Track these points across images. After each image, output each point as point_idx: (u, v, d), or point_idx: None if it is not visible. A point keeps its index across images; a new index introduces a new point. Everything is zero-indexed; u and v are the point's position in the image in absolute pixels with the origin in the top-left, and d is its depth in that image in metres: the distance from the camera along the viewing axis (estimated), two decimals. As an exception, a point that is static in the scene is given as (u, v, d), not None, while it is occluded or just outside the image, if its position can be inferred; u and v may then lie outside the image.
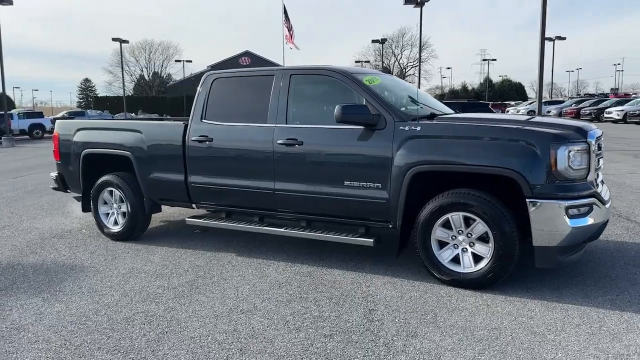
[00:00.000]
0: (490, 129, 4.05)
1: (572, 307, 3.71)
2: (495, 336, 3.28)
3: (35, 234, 6.28)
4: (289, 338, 3.33)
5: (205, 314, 3.76)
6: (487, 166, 3.89)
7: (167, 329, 3.52)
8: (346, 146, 4.48)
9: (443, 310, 3.69)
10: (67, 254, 5.41)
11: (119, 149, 5.74)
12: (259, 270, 4.72)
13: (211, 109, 5.24)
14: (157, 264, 5.00)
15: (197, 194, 5.32)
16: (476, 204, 3.95)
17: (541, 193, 3.75)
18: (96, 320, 3.71)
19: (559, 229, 3.75)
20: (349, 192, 4.46)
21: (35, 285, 4.47)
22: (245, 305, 3.91)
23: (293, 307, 3.83)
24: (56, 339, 3.41)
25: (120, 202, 5.85)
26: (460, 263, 4.12)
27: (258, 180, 4.90)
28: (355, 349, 3.15)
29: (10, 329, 3.60)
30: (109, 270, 4.83)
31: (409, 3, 29.50)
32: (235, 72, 5.36)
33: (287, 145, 4.70)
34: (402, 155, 4.17)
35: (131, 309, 3.89)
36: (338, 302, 3.91)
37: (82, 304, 4.01)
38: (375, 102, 4.39)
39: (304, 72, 4.92)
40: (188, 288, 4.31)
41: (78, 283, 4.49)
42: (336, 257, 4.99)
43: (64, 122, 6.40)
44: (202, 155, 5.20)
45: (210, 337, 3.39)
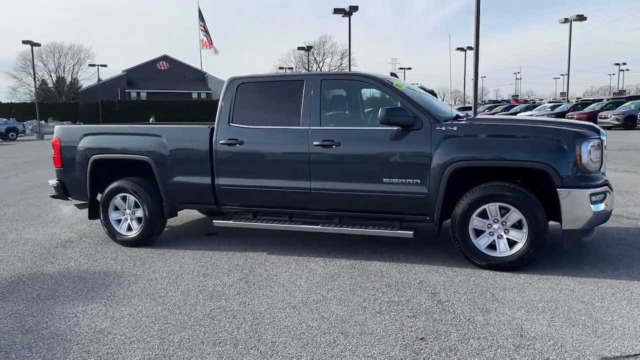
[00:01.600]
0: (522, 128, 4.59)
1: (598, 280, 4.31)
2: (554, 307, 3.77)
3: (32, 245, 6.04)
4: (378, 320, 3.63)
5: (282, 306, 3.95)
6: (523, 161, 4.42)
7: (257, 321, 3.68)
8: (384, 146, 4.84)
9: (496, 289, 4.15)
10: (87, 262, 5.30)
11: (135, 153, 5.70)
12: (302, 265, 4.94)
13: (238, 112, 5.38)
14: (194, 265, 5.06)
15: (225, 196, 5.43)
16: (511, 194, 4.46)
17: (569, 183, 4.33)
18: (177, 318, 3.78)
19: (584, 214, 4.35)
20: (388, 188, 4.82)
21: (80, 293, 4.40)
22: (313, 296, 4.14)
23: (361, 295, 4.12)
24: (151, 338, 3.47)
25: (135, 208, 5.80)
26: (496, 248, 4.61)
27: (293, 180, 5.12)
28: (444, 326, 3.51)
29: (94, 333, 3.59)
30: (149, 275, 4.83)
31: (338, 13, 30.41)
32: (261, 77, 5.54)
33: (324, 146, 4.97)
34: (441, 153, 4.60)
35: (204, 306, 3.99)
36: (398, 289, 4.25)
37: (149, 306, 4.04)
38: (410, 105, 4.79)
39: (335, 77, 5.25)
40: (244, 285, 4.45)
41: (126, 288, 4.48)
42: (368, 251, 5.32)
43: (67, 127, 6.23)
44: (231, 157, 5.33)
45: (303, 324, 3.60)
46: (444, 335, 3.37)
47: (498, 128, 4.71)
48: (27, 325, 3.74)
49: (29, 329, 3.67)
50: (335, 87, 5.30)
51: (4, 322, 3.82)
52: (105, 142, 5.89)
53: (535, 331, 3.38)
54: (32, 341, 3.48)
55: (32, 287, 4.57)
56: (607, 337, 3.28)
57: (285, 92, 5.38)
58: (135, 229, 5.81)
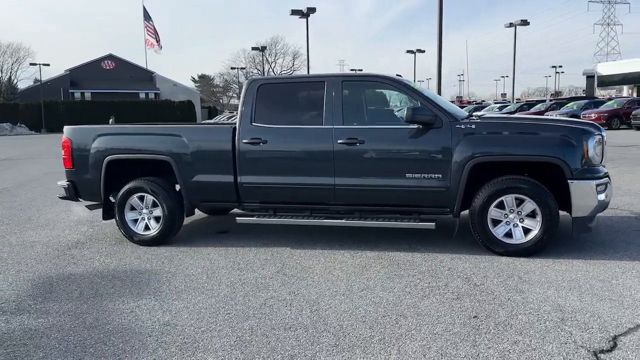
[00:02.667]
0: (535, 125, 5.05)
1: (604, 261, 4.81)
2: (577, 285, 4.22)
3: (42, 247, 5.99)
4: (427, 303, 3.95)
5: (331, 294, 4.20)
6: (539, 155, 4.87)
7: (314, 307, 3.91)
8: (407, 143, 5.17)
9: (520, 273, 4.56)
10: (111, 261, 5.35)
11: (155, 153, 5.77)
12: (330, 258, 5.19)
13: (260, 112, 5.57)
14: (223, 261, 5.21)
15: (248, 193, 5.60)
16: (527, 186, 4.89)
17: (578, 175, 4.81)
18: (236, 309, 3.96)
19: (591, 203, 4.84)
20: (411, 183, 5.15)
21: (122, 290, 4.48)
22: (356, 284, 4.41)
23: (401, 282, 4.42)
24: (221, 328, 3.63)
25: (153, 207, 5.86)
26: (512, 236, 5.03)
27: (317, 177, 5.36)
28: (489, 305, 3.87)
29: (161, 325, 3.71)
30: (184, 271, 4.95)
31: (295, 14, 30.67)
32: (281, 78, 5.76)
33: (348, 144, 5.24)
34: (462, 149, 4.98)
35: (256, 297, 4.18)
36: (432, 275, 4.59)
37: (201, 299, 4.19)
38: (430, 105, 5.15)
39: (355, 79, 5.53)
40: (284, 277, 4.66)
41: (168, 284, 4.59)
42: (385, 243, 5.63)
43: (78, 128, 6.19)
44: (255, 156, 5.51)
45: (360, 309, 3.87)
46: (493, 313, 3.72)
47: (513, 126, 5.15)
48: (88, 322, 3.81)
49: (92, 325, 3.75)
50: (356, 87, 5.58)
51: (62, 320, 3.87)
52: (122, 143, 5.92)
53: (571, 306, 3.79)
54: (103, 336, 3.57)
55: (68, 287, 4.59)
56: (634, 308, 3.73)
57: (306, 93, 5.62)
58: (154, 228, 5.87)
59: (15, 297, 4.39)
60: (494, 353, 3.14)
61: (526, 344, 3.24)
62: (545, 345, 3.20)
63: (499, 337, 3.34)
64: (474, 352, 3.16)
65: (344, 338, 3.41)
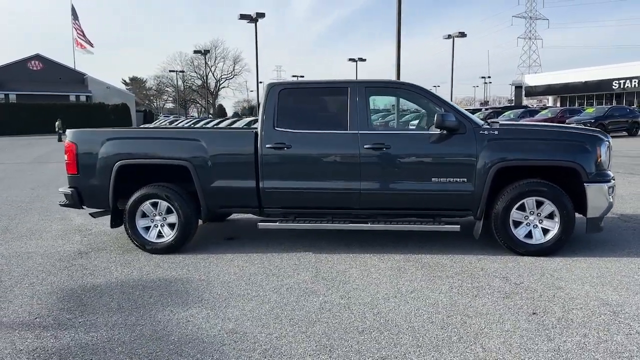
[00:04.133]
0: (553, 132, 5.36)
1: (618, 259, 5.17)
2: (607, 281, 4.52)
3: (43, 258, 5.65)
4: (481, 302, 4.10)
5: (383, 297, 4.26)
6: (559, 160, 5.18)
7: (374, 310, 3.96)
8: (433, 148, 5.33)
9: (549, 271, 4.83)
10: (131, 271, 5.13)
11: (172, 158, 5.60)
12: (359, 262, 5.24)
13: (282, 117, 5.54)
14: (252, 267, 5.13)
15: (271, 199, 5.55)
16: (547, 189, 5.19)
17: (593, 179, 5.16)
18: (297, 314, 3.93)
19: (603, 204, 5.21)
20: (437, 187, 5.31)
21: (164, 300, 4.32)
22: (402, 287, 4.49)
23: (444, 284, 4.55)
24: (294, 333, 3.60)
25: (167, 214, 5.68)
26: (532, 237, 5.30)
27: (343, 182, 5.41)
28: (541, 302, 4.07)
29: (229, 333, 3.63)
30: (217, 278, 4.84)
31: (244, 19, 30.42)
32: (303, 83, 5.76)
33: (375, 149, 5.34)
34: (486, 154, 5.20)
35: (310, 302, 4.16)
36: (470, 276, 4.76)
37: (254, 306, 4.13)
38: (455, 112, 5.34)
39: (380, 85, 5.63)
40: (325, 281, 4.67)
41: (209, 292, 4.48)
42: (404, 247, 5.76)
43: (84, 131, 5.88)
44: (278, 161, 5.48)
45: (421, 310, 3.96)
46: (549, 309, 3.93)
47: (533, 132, 5.44)
48: (147, 334, 3.66)
49: (154, 337, 3.60)
50: (380, 93, 5.70)
51: (116, 332, 3.69)
52: (135, 147, 5.69)
53: (615, 300, 4.07)
54: (174, 347, 3.44)
55: (100, 299, 4.37)
56: (670, 300, 4.06)
57: (328, 98, 5.66)
58: (167, 235, 5.69)
59: (47, 312, 4.13)
60: (572, 346, 3.32)
61: (596, 336, 3.45)
62: (614, 337, 3.43)
63: (567, 331, 3.54)
64: (553, 345, 3.33)
65: (422, 338, 3.48)
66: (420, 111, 6.26)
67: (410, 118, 6.12)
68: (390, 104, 5.70)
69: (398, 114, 5.89)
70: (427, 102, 5.53)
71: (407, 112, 6.52)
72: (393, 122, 5.84)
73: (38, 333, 3.72)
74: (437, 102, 5.47)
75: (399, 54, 17.36)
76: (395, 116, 6.08)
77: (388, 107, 5.80)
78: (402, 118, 5.84)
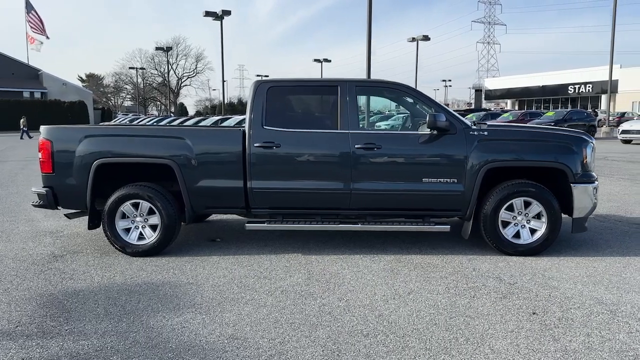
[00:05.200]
0: (542, 134, 5.42)
1: (603, 258, 5.28)
2: (598, 280, 4.60)
3: (13, 262, 5.35)
4: (480, 303, 4.08)
5: (382, 298, 4.19)
6: (548, 161, 5.24)
7: (376, 313, 3.89)
8: (424, 148, 5.31)
9: (539, 271, 4.87)
10: (114, 275, 4.90)
11: (155, 157, 5.38)
12: (350, 263, 5.17)
13: (271, 115, 5.41)
14: (242, 270, 4.98)
15: (259, 199, 5.41)
16: (534, 190, 5.25)
17: (579, 180, 5.25)
18: (297, 317, 3.82)
19: (589, 204, 5.31)
20: (428, 187, 5.29)
21: (154, 305, 4.13)
22: (399, 289, 4.44)
23: (439, 284, 4.53)
24: (297, 337, 3.49)
25: (149, 215, 5.46)
26: (520, 237, 5.36)
27: (334, 182, 5.33)
28: (538, 302, 4.09)
29: (230, 339, 3.49)
30: (207, 281, 4.68)
31: (209, 16, 29.95)
32: (292, 80, 5.63)
33: (366, 149, 5.28)
34: (476, 154, 5.22)
35: (308, 305, 4.05)
36: (464, 276, 4.75)
37: (250, 310, 3.99)
38: (445, 113, 5.34)
39: (370, 84, 5.58)
40: (320, 283, 4.57)
41: (200, 296, 4.32)
42: (393, 247, 5.73)
43: (60, 128, 5.59)
44: (267, 160, 5.34)
45: (422, 312, 3.91)
46: (547, 309, 3.95)
47: (523, 133, 5.49)
48: (141, 341, 3.48)
49: (150, 345, 3.43)
50: (370, 93, 5.64)
51: (108, 340, 3.49)
52: (115, 145, 5.44)
53: (609, 299, 4.13)
54: (173, 355, 3.28)
55: (85, 305, 4.15)
56: (661, 298, 4.16)
57: (318, 96, 5.56)
58: (149, 237, 5.47)
59: (28, 319, 3.87)
60: (579, 346, 3.33)
61: (599, 335, 3.48)
62: (616, 336, 3.47)
63: (570, 331, 3.56)
64: (559, 345, 3.34)
65: (429, 341, 3.43)
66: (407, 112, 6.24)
67: (393, 119, 6.06)
68: (385, 107, 5.65)
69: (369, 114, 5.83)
70: (418, 103, 5.51)
71: (394, 113, 6.49)
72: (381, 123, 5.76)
73: (22, 342, 3.48)
74: (428, 102, 5.46)
75: (369, 55, 17.43)
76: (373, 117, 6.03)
77: (383, 110, 5.76)
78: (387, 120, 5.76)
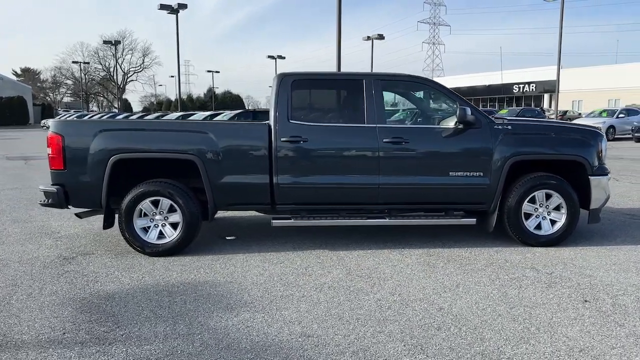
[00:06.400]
0: (561, 128, 5.59)
1: (617, 247, 5.51)
2: (626, 267, 4.79)
3: (21, 266, 5.01)
4: (530, 293, 4.16)
5: (434, 292, 4.19)
6: (567, 154, 5.41)
7: (437, 306, 3.89)
8: (450, 142, 5.36)
9: (567, 260, 5.03)
10: (142, 276, 4.67)
11: (177, 152, 5.16)
12: (384, 257, 5.14)
13: (297, 109, 5.32)
14: (275, 267, 4.86)
15: (285, 195, 5.30)
16: (555, 182, 5.41)
17: (596, 172, 5.46)
18: (359, 313, 3.76)
19: (604, 196, 5.54)
20: (455, 181, 5.35)
21: (204, 306, 3.97)
22: (446, 282, 4.45)
23: (482, 277, 4.58)
24: (373, 333, 3.44)
25: (169, 212, 5.24)
26: (541, 228, 5.51)
27: (361, 176, 5.28)
28: (586, 289, 4.21)
29: (303, 337, 3.39)
30: (246, 279, 4.54)
31: (164, 9, 29.11)
32: (316, 74, 5.54)
33: (394, 143, 5.27)
34: (502, 148, 5.32)
35: (362, 300, 4.00)
36: (501, 268, 4.82)
37: (307, 307, 3.89)
38: (470, 107, 5.41)
39: (394, 78, 5.55)
40: (362, 279, 4.52)
41: (246, 295, 4.18)
42: (417, 241, 5.75)
43: (73, 122, 5.28)
44: (294, 155, 5.24)
45: (480, 304, 3.94)
46: (597, 297, 4.07)
47: (544, 127, 5.64)
48: (211, 343, 3.32)
49: (222, 346, 3.28)
50: (395, 87, 5.62)
51: (174, 344, 3.32)
52: (134, 140, 5.18)
53: (647, 285, 4.32)
54: (252, 355, 3.15)
55: (129, 308, 3.92)
56: (692, 283, 4.38)
57: (343, 90, 5.50)
58: (170, 236, 5.24)
59: (72, 325, 3.62)
60: (644, 330, 3.46)
61: (658, 320, 3.63)
62: (674, 320, 3.62)
63: (629, 316, 3.69)
64: (627, 330, 3.45)
65: (503, 332, 3.46)
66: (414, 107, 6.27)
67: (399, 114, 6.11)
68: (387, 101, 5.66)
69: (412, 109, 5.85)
70: (442, 97, 5.55)
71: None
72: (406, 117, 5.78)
73: (79, 350, 3.24)
74: (452, 96, 5.51)
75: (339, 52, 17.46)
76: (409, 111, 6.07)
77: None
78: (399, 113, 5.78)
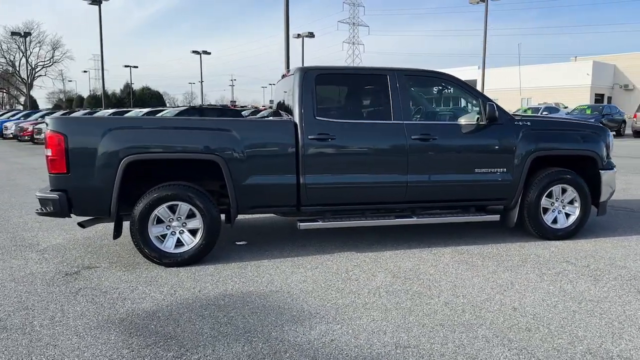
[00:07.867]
0: (576, 124, 5.76)
1: (624, 238, 5.75)
2: None
3: (18, 285, 4.40)
4: (582, 288, 4.19)
5: (492, 292, 4.12)
6: (581, 149, 5.57)
7: (502, 308, 3.82)
8: (475, 139, 5.33)
9: (592, 253, 5.16)
10: (175, 291, 4.23)
11: (198, 152, 4.73)
12: (420, 258, 5.01)
13: (322, 106, 5.07)
14: (311, 272, 4.60)
15: (312, 196, 5.02)
16: (571, 177, 5.55)
17: (605, 166, 5.67)
18: (438, 318, 3.61)
19: (612, 189, 5.77)
20: (480, 177, 5.33)
21: (265, 319, 3.65)
22: (499, 280, 4.38)
23: (527, 272, 4.57)
24: (462, 339, 3.31)
25: (188, 218, 4.81)
26: (557, 222, 5.63)
27: (390, 174, 5.13)
28: (631, 281, 4.33)
29: (403, 348, 3.19)
30: (291, 287, 4.24)
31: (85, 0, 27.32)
32: (339, 68, 5.32)
33: (422, 140, 5.16)
34: (523, 144, 5.38)
35: (427, 304, 3.86)
36: (537, 263, 4.85)
37: (380, 316, 3.69)
38: (493, 104, 5.41)
39: (418, 74, 5.43)
40: (412, 281, 4.38)
41: (305, 305, 3.90)
42: (434, 239, 5.69)
43: (77, 119, 4.67)
44: (322, 154, 4.99)
45: (546, 301, 3.92)
46: (644, 287, 4.19)
47: (560, 124, 5.77)
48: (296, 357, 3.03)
49: None
50: (419, 83, 5.50)
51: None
52: (149, 139, 4.68)
53: (681, 274, 4.51)
54: (361, 373, 2.90)
55: (185, 327, 3.51)
56: None
57: (367, 86, 5.31)
58: (189, 243, 4.81)
59: (128, 352, 3.17)
60: None
61: None
62: None
63: (690, 305, 3.81)
64: (700, 320, 3.55)
65: (590, 328, 3.44)
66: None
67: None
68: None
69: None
70: (465, 93, 5.51)
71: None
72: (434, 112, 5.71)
73: (159, 380, 2.83)
74: (474, 92, 5.49)
75: (287, 46, 17.18)
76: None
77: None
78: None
